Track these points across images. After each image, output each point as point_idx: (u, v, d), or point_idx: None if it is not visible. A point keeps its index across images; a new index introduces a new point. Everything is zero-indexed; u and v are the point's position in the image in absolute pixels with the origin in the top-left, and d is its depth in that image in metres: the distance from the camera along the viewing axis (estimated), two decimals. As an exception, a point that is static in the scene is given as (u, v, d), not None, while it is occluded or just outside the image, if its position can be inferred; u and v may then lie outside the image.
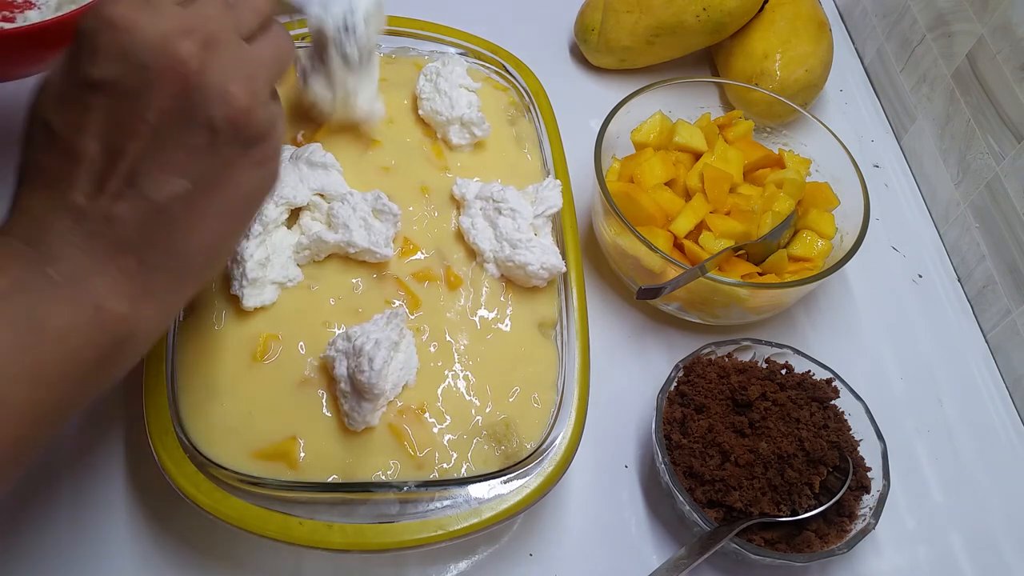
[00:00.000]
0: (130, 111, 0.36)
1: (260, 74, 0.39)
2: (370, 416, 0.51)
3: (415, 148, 0.67)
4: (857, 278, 0.78)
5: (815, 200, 0.72)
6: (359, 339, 0.51)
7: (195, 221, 0.39)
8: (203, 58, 0.36)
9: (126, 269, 0.37)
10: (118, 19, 0.36)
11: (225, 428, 0.51)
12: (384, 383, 0.51)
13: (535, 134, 0.70)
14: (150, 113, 0.36)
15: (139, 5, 0.36)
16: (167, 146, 0.37)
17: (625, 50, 0.86)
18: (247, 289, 0.55)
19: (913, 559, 0.63)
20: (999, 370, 0.74)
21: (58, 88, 0.37)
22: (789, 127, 0.78)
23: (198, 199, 0.38)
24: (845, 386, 0.63)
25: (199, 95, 0.36)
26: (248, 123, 0.38)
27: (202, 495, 0.49)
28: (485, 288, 0.60)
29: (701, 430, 0.59)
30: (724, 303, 0.67)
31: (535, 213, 0.61)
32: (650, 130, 0.74)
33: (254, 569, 0.56)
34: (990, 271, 0.75)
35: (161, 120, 0.36)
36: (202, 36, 0.37)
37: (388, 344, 0.51)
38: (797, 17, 0.85)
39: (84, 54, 0.36)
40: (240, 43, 0.39)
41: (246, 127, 0.38)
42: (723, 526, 0.56)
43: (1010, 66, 0.73)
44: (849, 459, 0.60)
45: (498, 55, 0.74)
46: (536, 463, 0.52)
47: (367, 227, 0.58)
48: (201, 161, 0.38)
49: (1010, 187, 0.73)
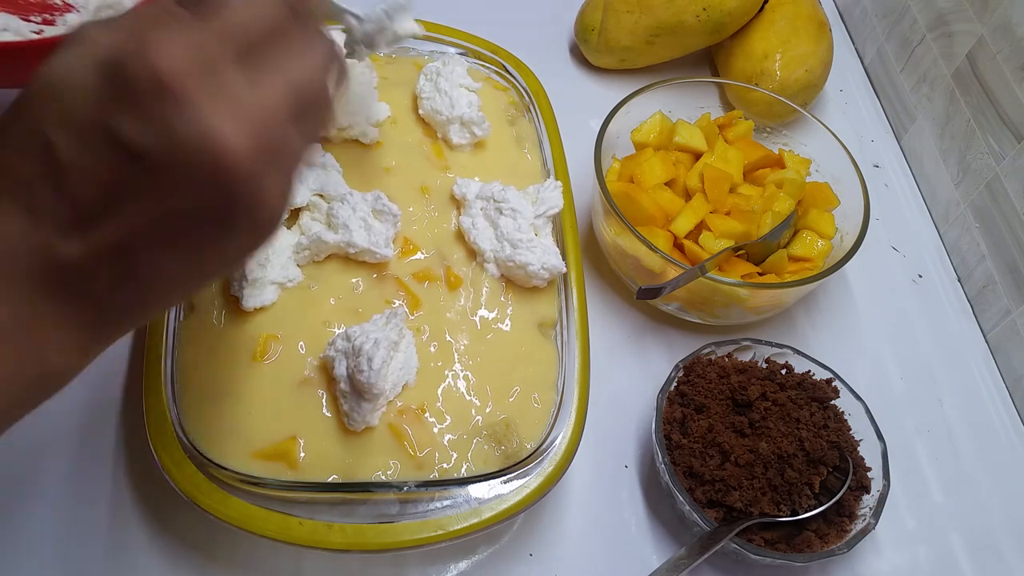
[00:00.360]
0: (150, 187, 0.31)
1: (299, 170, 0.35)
2: (370, 416, 0.51)
3: (415, 148, 0.67)
4: (857, 278, 0.78)
5: (815, 200, 0.72)
6: (358, 339, 0.51)
7: (173, 288, 0.35)
8: (254, 169, 0.31)
9: (83, 321, 0.34)
10: (174, 85, 0.30)
11: (225, 428, 0.52)
12: (383, 383, 0.51)
13: (535, 134, 0.70)
14: (171, 200, 0.31)
15: (201, 74, 0.30)
16: (175, 231, 0.32)
17: (625, 50, 0.86)
18: (247, 289, 0.55)
19: (913, 559, 0.63)
20: (999, 370, 0.74)
21: (79, 112, 0.31)
22: (789, 127, 0.78)
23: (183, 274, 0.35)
24: (845, 386, 0.63)
25: (231, 203, 0.32)
26: (272, 219, 0.34)
27: (202, 495, 0.49)
28: (485, 288, 0.60)
29: (701, 430, 0.59)
30: (724, 303, 0.67)
31: (536, 213, 0.61)
32: (650, 130, 0.74)
33: (254, 569, 0.56)
34: (990, 271, 0.75)
35: (180, 210, 0.32)
36: (265, 142, 0.31)
37: (387, 344, 0.51)
38: (797, 17, 0.85)
39: (121, 103, 0.30)
40: (300, 151, 0.34)
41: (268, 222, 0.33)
42: (723, 526, 0.56)
43: (1010, 66, 0.73)
44: (849, 459, 0.60)
45: (498, 55, 0.74)
46: (536, 463, 0.52)
47: (367, 227, 0.58)
48: (202, 247, 0.34)
49: (1010, 187, 0.73)
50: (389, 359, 0.52)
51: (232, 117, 0.30)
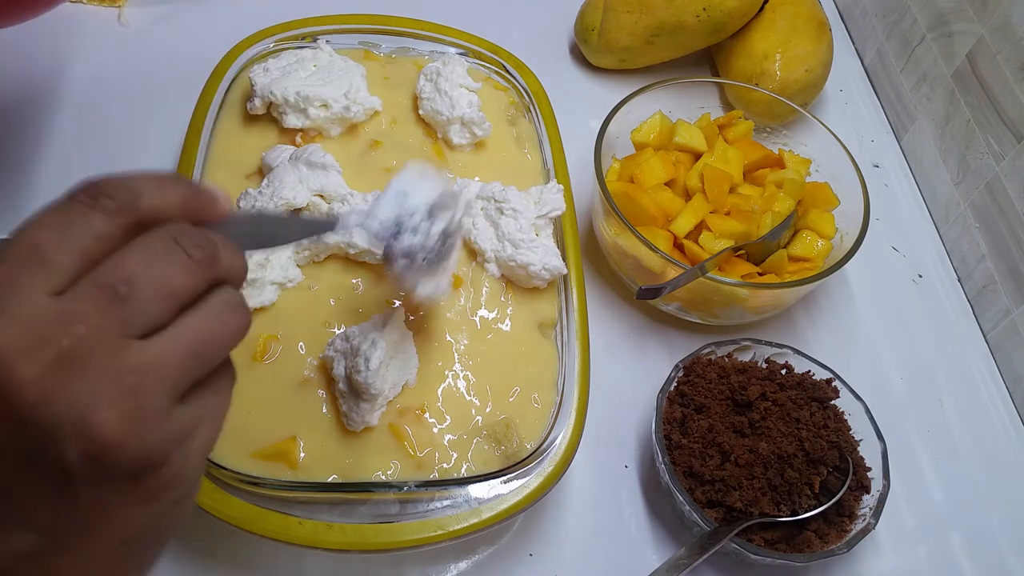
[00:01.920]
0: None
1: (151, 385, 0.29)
2: (369, 416, 0.51)
3: (416, 148, 0.67)
4: (857, 278, 0.78)
5: (815, 200, 0.72)
6: (356, 339, 0.51)
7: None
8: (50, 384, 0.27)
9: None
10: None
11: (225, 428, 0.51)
12: (381, 383, 0.51)
13: (535, 134, 0.70)
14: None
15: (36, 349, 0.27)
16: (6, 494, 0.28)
17: (625, 50, 0.86)
18: (247, 289, 0.55)
19: (913, 559, 0.63)
20: (999, 370, 0.74)
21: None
22: (789, 127, 0.78)
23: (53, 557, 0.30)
24: (845, 386, 0.63)
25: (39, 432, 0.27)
26: (121, 456, 0.28)
27: (202, 495, 0.49)
28: (485, 288, 0.60)
29: (701, 430, 0.59)
30: (724, 303, 0.67)
31: (537, 214, 0.61)
32: (650, 130, 0.74)
33: (254, 569, 0.56)
34: (990, 271, 0.75)
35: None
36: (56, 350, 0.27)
37: (384, 345, 0.51)
38: (797, 17, 0.85)
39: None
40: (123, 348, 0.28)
41: (118, 462, 0.28)
42: (723, 526, 0.56)
43: (1010, 66, 0.73)
44: (849, 459, 0.60)
45: (498, 55, 0.74)
46: (536, 463, 0.52)
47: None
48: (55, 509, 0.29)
49: (1010, 187, 0.73)
50: (387, 360, 0.52)
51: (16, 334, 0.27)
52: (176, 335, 0.30)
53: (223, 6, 0.88)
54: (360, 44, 0.73)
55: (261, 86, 0.64)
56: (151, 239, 0.30)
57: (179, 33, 0.86)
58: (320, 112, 0.64)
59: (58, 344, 0.27)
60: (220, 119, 0.66)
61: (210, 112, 0.66)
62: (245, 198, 0.59)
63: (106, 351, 0.28)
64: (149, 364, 0.29)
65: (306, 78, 0.66)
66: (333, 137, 0.66)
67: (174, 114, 0.69)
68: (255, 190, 0.59)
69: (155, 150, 0.75)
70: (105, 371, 0.28)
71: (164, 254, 0.30)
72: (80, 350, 0.28)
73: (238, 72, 0.69)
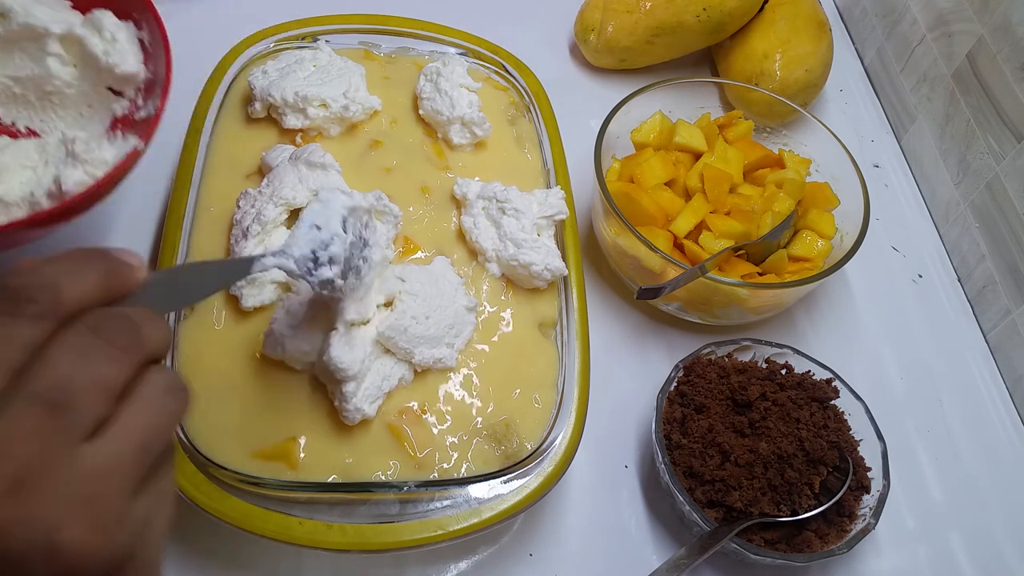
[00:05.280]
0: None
1: (110, 489, 0.28)
2: (361, 404, 0.51)
3: (416, 148, 0.67)
4: (857, 278, 0.78)
5: (815, 200, 0.72)
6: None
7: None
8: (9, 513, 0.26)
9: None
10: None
11: (225, 428, 0.51)
12: (348, 359, 0.49)
13: (535, 134, 0.70)
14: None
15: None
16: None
17: (625, 50, 0.86)
18: (247, 289, 0.55)
19: (913, 559, 0.63)
20: (999, 370, 0.74)
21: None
22: (789, 127, 0.78)
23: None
24: (845, 386, 0.63)
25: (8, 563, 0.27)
26: (92, 564, 0.28)
27: (202, 495, 0.49)
28: (485, 288, 0.60)
29: (701, 430, 0.59)
30: (724, 303, 0.67)
31: (540, 214, 0.61)
32: (650, 130, 0.74)
33: (254, 569, 0.56)
34: (990, 271, 0.75)
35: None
36: (6, 477, 0.27)
37: (346, 322, 0.50)
38: (797, 17, 0.85)
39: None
40: (73, 457, 0.28)
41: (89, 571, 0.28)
42: (723, 526, 0.56)
43: (1010, 66, 0.73)
44: (849, 459, 0.60)
45: (498, 55, 0.74)
46: (536, 463, 0.52)
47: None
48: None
49: (1010, 187, 0.73)
50: (348, 335, 0.50)
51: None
52: (124, 433, 0.29)
53: (223, 6, 0.87)
54: (360, 44, 0.73)
55: (260, 89, 0.64)
56: (73, 336, 0.29)
57: (178, 33, 0.86)
58: (319, 112, 0.64)
59: (5, 470, 0.27)
60: (220, 119, 0.66)
61: (210, 112, 0.66)
62: (245, 198, 0.59)
63: (57, 464, 0.27)
64: (104, 467, 0.28)
65: (305, 78, 0.66)
66: (333, 137, 0.66)
67: (174, 114, 0.69)
68: (255, 190, 0.59)
69: (155, 150, 0.74)
70: (61, 485, 0.27)
71: (91, 350, 0.29)
72: (31, 471, 0.27)
73: (238, 72, 0.69)
